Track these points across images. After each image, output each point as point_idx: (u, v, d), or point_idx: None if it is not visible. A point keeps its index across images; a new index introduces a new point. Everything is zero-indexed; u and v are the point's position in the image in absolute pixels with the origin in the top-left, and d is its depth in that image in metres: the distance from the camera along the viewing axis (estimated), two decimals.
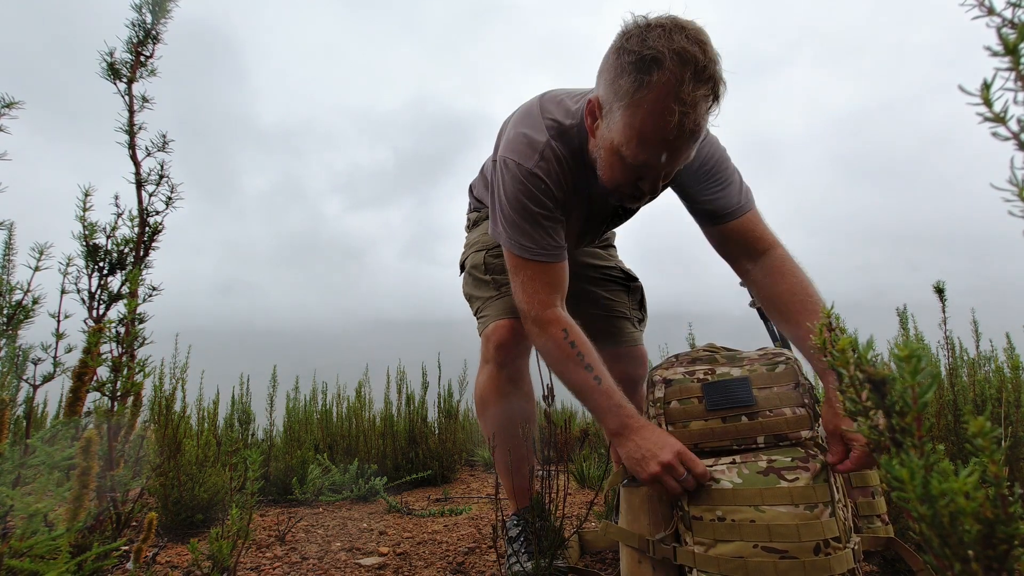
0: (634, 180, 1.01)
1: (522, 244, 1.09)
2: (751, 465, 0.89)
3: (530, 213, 1.08)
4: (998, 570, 0.35)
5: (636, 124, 0.92)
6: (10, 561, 0.57)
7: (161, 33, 1.11)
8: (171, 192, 1.13)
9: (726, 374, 0.99)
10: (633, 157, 0.95)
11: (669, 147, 0.93)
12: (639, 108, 0.91)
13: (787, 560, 0.82)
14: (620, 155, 0.97)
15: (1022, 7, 0.38)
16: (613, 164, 1.00)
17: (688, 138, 0.92)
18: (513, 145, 1.10)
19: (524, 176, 1.07)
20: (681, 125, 0.89)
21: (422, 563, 1.39)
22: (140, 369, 0.99)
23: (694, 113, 0.88)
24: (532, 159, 1.07)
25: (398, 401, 3.01)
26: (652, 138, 0.92)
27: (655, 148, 0.93)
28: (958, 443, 1.37)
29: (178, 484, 1.70)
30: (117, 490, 0.96)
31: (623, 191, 1.04)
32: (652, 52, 0.87)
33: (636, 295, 1.58)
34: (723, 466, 0.91)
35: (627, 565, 0.98)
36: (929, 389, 0.36)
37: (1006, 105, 0.38)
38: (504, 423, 1.27)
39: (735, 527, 0.86)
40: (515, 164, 1.08)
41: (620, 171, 1.00)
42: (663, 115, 0.89)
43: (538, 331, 1.08)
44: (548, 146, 1.08)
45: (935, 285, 1.48)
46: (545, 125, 1.10)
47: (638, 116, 0.91)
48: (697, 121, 0.90)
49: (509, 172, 1.09)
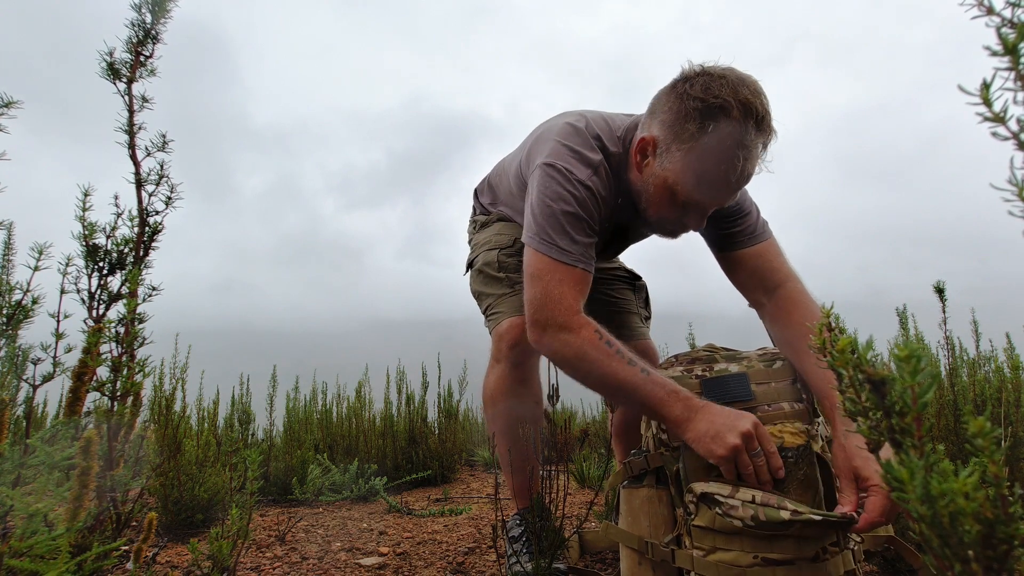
0: (680, 217, 1.06)
1: (561, 248, 1.05)
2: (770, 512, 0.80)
3: (578, 219, 1.07)
4: (998, 570, 0.35)
5: (697, 167, 0.97)
6: (10, 561, 0.57)
7: (161, 33, 1.11)
8: (171, 192, 1.13)
9: (724, 370, 0.99)
10: (687, 196, 1.01)
11: (726, 190, 0.99)
12: (703, 152, 0.95)
13: (784, 567, 0.81)
14: (673, 192, 1.02)
15: (1022, 7, 0.38)
16: (662, 200, 1.05)
17: (743, 182, 0.98)
18: (566, 157, 1.10)
19: (579, 184, 1.07)
20: (742, 171, 0.95)
21: (422, 563, 1.39)
22: (140, 369, 0.99)
23: (753, 160, 0.95)
24: (585, 173, 1.09)
25: (398, 401, 3.01)
26: (713, 181, 0.97)
27: (712, 190, 0.99)
28: (958, 443, 1.37)
29: (178, 484, 1.70)
30: (117, 490, 0.96)
31: (667, 226, 1.11)
32: (720, 101, 0.93)
33: (641, 293, 1.60)
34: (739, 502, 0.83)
35: (627, 566, 0.98)
36: (929, 389, 0.36)
37: (1006, 105, 0.38)
38: (512, 422, 1.27)
39: (735, 539, 0.85)
40: (569, 172, 1.08)
41: (669, 207, 1.05)
42: (727, 161, 0.94)
43: (567, 336, 1.01)
44: (602, 165, 1.11)
45: (935, 285, 1.48)
46: (596, 146, 1.12)
47: (701, 159, 0.96)
48: (753, 167, 0.97)
49: (563, 178, 1.07)
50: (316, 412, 2.96)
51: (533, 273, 1.06)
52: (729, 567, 0.84)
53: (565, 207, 1.06)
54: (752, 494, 0.82)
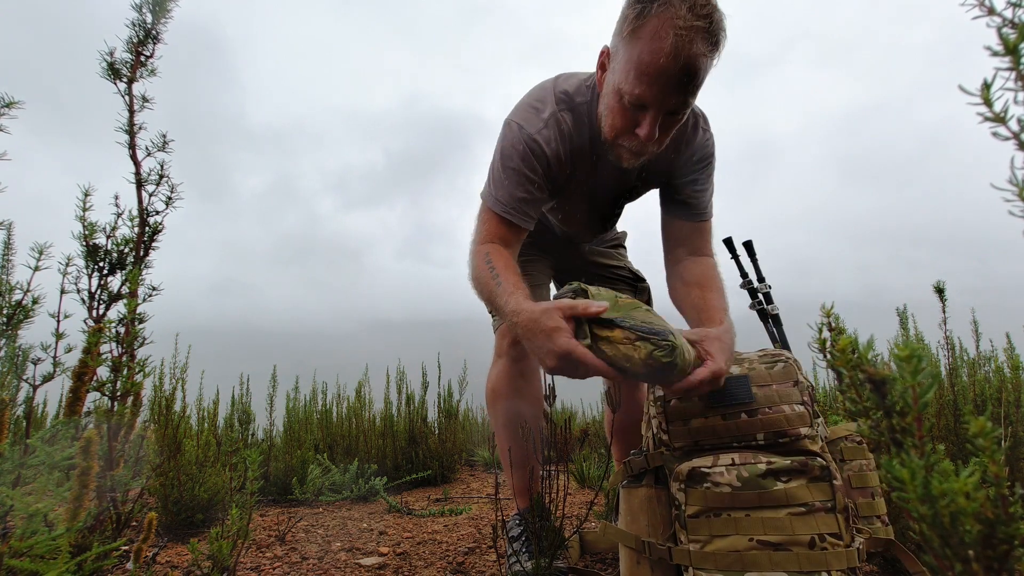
0: (632, 125, 1.03)
1: (496, 198, 1.15)
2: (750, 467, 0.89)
3: (517, 174, 1.13)
4: (999, 570, 0.35)
5: (634, 56, 0.96)
6: (10, 561, 0.57)
7: (161, 33, 1.11)
8: (171, 192, 1.13)
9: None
10: (631, 93, 0.98)
11: (667, 82, 0.94)
12: (637, 39, 0.95)
13: (782, 552, 0.82)
14: (620, 94, 1.01)
15: (1022, 7, 0.38)
16: (613, 108, 1.04)
17: (682, 71, 0.93)
18: (520, 111, 1.16)
19: (524, 139, 1.12)
20: (675, 54, 0.91)
21: (422, 563, 1.39)
22: (140, 369, 0.99)
23: (690, 46, 0.91)
24: (536, 125, 1.12)
25: (398, 401, 3.01)
26: (652, 71, 0.94)
27: (653, 82, 0.95)
28: (958, 443, 1.37)
29: (178, 484, 1.69)
30: (117, 490, 0.96)
31: (622, 143, 1.07)
32: None
33: (643, 295, 1.60)
34: (722, 468, 0.91)
35: (626, 565, 0.98)
36: (930, 389, 0.36)
37: (1006, 105, 0.38)
38: (513, 418, 1.29)
39: (730, 521, 0.86)
40: (518, 127, 1.13)
41: (619, 115, 1.03)
42: (663, 47, 0.91)
43: (470, 256, 1.16)
44: (554, 116, 1.13)
45: (935, 285, 1.48)
46: (555, 97, 1.15)
47: (636, 47, 0.95)
48: (692, 56, 0.92)
49: (511, 133, 1.14)
50: (316, 412, 2.96)
51: (478, 219, 1.19)
52: (727, 554, 0.84)
53: (507, 163, 1.14)
54: (731, 457, 0.89)
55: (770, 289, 1.63)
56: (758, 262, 1.68)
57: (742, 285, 1.67)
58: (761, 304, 1.62)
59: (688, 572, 0.88)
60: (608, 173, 1.22)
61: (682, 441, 0.96)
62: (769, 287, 1.63)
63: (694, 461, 0.92)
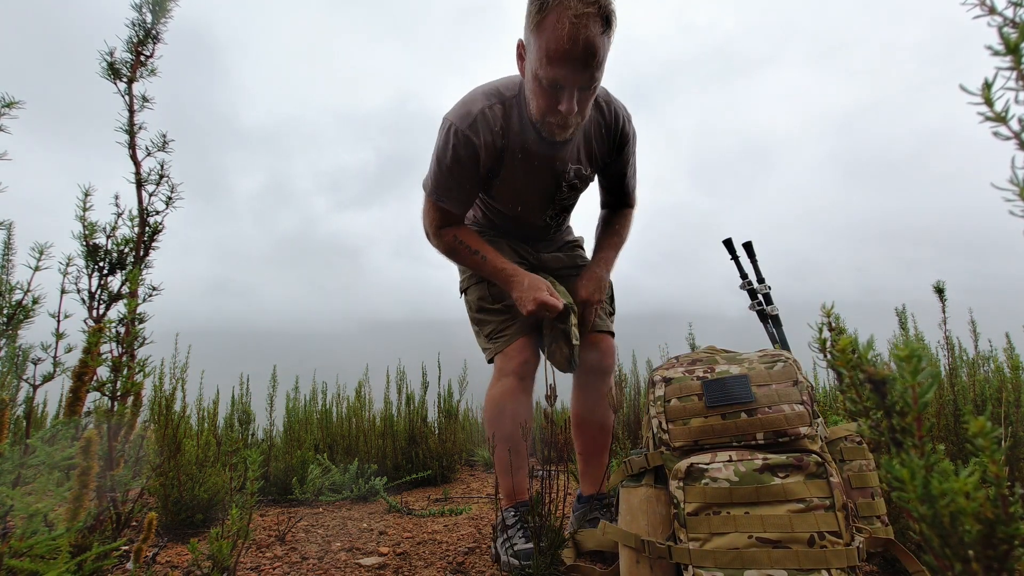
0: (554, 103, 1.18)
1: (432, 188, 1.37)
2: (747, 463, 0.90)
3: (447, 167, 1.32)
4: (998, 570, 0.35)
5: (542, 45, 1.12)
6: (10, 561, 0.57)
7: (161, 33, 1.11)
8: (171, 192, 1.13)
9: (725, 372, 0.99)
10: (546, 76, 1.14)
11: (570, 59, 1.11)
12: (542, 31, 1.11)
13: (781, 550, 0.82)
14: (538, 79, 1.17)
15: (1023, 6, 0.38)
16: (536, 91, 1.20)
17: (584, 52, 1.10)
18: (455, 109, 1.32)
19: (455, 135, 1.29)
20: (574, 37, 1.08)
21: (422, 563, 1.39)
22: (140, 369, 0.99)
23: (586, 29, 1.08)
24: (467, 121, 1.28)
25: (398, 401, 3.01)
26: (555, 53, 1.11)
27: (560, 62, 1.12)
28: (958, 443, 1.37)
29: (178, 484, 1.69)
30: (117, 490, 0.96)
31: (549, 119, 1.22)
32: None
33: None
34: (720, 464, 0.91)
35: (625, 565, 0.98)
36: (930, 389, 0.36)
37: (1007, 105, 0.38)
38: (514, 429, 1.38)
39: (729, 519, 0.86)
40: (450, 124, 1.29)
41: (541, 96, 1.19)
42: (559, 29, 1.09)
43: (436, 241, 1.44)
44: (482, 112, 1.29)
45: (935, 285, 1.48)
46: (485, 93, 1.31)
47: (542, 38, 1.12)
48: (589, 38, 1.09)
49: (445, 131, 1.31)
50: (316, 412, 2.95)
51: (423, 206, 1.44)
52: (727, 552, 0.84)
53: (441, 158, 1.32)
54: (728, 454, 0.92)
55: (770, 290, 1.63)
56: (758, 263, 1.68)
57: (742, 286, 1.67)
58: (761, 305, 1.62)
59: (688, 570, 0.88)
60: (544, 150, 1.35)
61: (682, 441, 0.96)
62: (769, 288, 1.64)
63: (692, 458, 0.93)
